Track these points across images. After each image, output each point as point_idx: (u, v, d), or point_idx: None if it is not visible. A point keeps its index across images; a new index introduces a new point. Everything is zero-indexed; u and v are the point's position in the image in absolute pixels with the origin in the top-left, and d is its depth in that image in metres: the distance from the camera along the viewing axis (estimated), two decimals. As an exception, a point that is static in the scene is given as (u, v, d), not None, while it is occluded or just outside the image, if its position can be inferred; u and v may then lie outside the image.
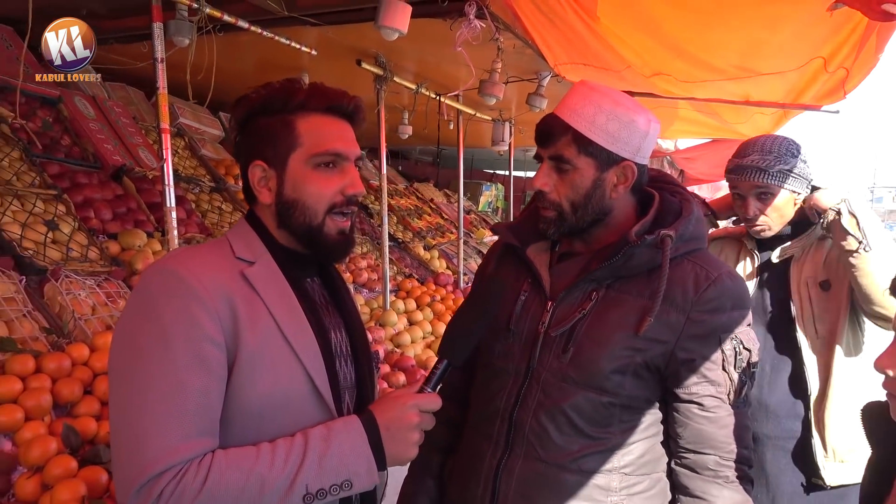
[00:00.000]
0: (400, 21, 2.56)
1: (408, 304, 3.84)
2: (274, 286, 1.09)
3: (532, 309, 1.34)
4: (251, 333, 1.02)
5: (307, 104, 1.11)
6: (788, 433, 1.94)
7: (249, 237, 1.13)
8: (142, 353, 0.97)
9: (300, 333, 1.08)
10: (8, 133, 2.87)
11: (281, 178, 1.11)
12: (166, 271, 1.02)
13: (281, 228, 1.13)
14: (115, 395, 0.98)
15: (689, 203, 1.33)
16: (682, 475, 1.29)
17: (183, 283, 1.00)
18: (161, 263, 1.05)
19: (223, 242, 1.13)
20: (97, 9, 3.21)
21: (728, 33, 2.79)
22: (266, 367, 1.03)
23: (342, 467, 1.00)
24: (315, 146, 1.10)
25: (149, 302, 1.01)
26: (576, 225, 1.31)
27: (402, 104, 4.75)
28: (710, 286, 1.24)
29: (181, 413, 0.95)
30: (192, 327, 0.98)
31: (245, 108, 1.13)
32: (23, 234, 2.45)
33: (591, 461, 1.26)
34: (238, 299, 1.03)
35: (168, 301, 0.99)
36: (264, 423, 1.03)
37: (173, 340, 0.97)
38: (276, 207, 1.12)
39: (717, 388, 1.24)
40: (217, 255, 1.09)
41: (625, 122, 1.25)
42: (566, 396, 1.26)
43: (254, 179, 1.12)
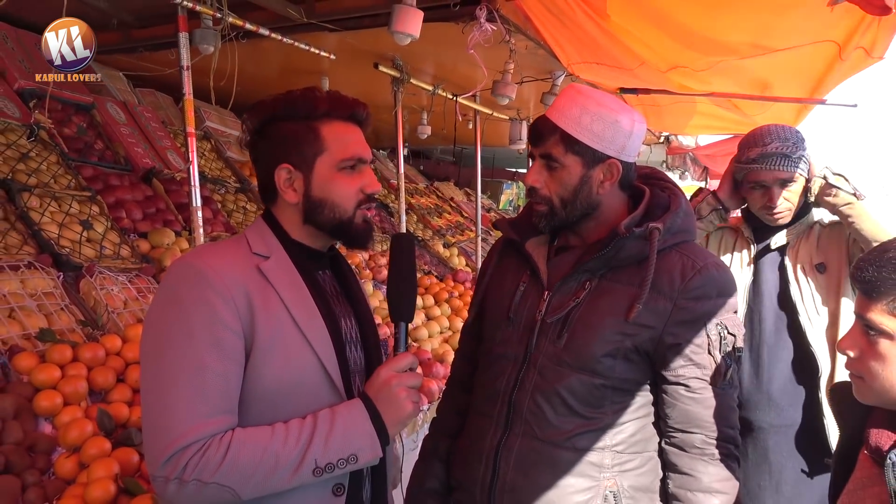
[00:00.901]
0: (412, 26, 2.65)
1: (426, 299, 3.93)
2: (287, 278, 1.19)
3: (530, 298, 1.43)
4: (265, 322, 1.13)
5: (331, 112, 1.22)
6: (791, 421, 1.98)
7: (265, 234, 1.24)
8: (167, 339, 1.08)
9: (311, 321, 1.19)
10: (46, 139, 3.03)
11: (308, 180, 1.21)
12: (188, 266, 1.13)
13: (307, 224, 1.24)
14: (146, 377, 1.10)
15: (677, 198, 1.40)
16: (670, 453, 1.36)
17: (202, 275, 1.11)
18: (183, 259, 1.17)
19: (241, 239, 1.24)
20: (127, 18, 3.37)
21: (737, 18, 2.81)
22: (279, 353, 1.14)
23: (347, 443, 1.12)
24: (341, 152, 1.22)
25: (173, 293, 1.12)
26: (565, 219, 1.39)
27: (420, 105, 4.84)
28: (695, 275, 1.32)
29: (203, 392, 1.06)
30: (210, 315, 1.09)
31: (267, 112, 1.23)
32: (60, 234, 2.60)
33: (585, 439, 1.34)
34: (253, 291, 1.13)
35: (189, 292, 1.10)
36: (279, 406, 1.14)
37: (194, 327, 1.08)
38: (303, 206, 1.22)
39: (702, 371, 1.31)
40: (234, 251, 1.20)
41: (609, 122, 1.33)
42: (561, 379, 1.34)
43: (280, 181, 1.21)
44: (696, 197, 2.17)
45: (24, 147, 2.88)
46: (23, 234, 2.51)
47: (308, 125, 1.21)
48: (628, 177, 1.41)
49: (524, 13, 2.87)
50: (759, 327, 2.01)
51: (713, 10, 2.76)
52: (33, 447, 1.82)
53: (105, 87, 3.81)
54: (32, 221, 2.55)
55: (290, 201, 1.22)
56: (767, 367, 1.99)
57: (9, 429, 1.79)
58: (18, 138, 2.89)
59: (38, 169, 2.81)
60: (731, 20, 2.83)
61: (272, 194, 1.25)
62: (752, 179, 1.96)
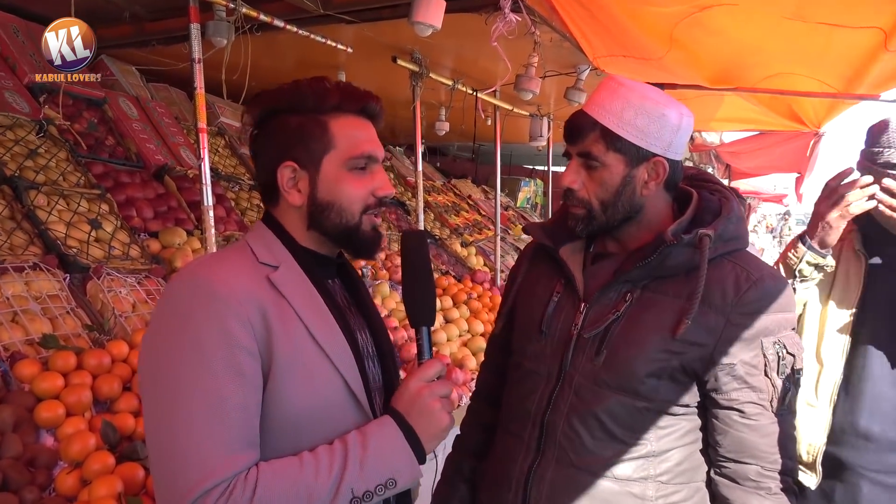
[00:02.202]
0: (434, 16, 2.53)
1: (444, 301, 3.82)
2: (301, 290, 1.07)
3: (565, 310, 1.31)
4: (284, 340, 1.01)
5: (342, 105, 1.10)
6: (893, 468, 1.65)
7: (270, 241, 1.11)
8: (177, 367, 0.95)
9: (332, 337, 1.07)
10: (55, 134, 2.95)
11: (314, 180, 1.09)
12: (195, 281, 1.00)
13: (311, 230, 1.12)
14: (153, 411, 0.97)
15: (728, 202, 1.27)
16: (721, 485, 1.24)
17: (213, 292, 0.98)
18: (188, 273, 1.03)
19: (244, 247, 1.10)
20: (138, 11, 3.28)
21: None
22: (301, 374, 1.02)
23: (383, 467, 1.01)
24: (351, 149, 1.09)
25: (179, 313, 0.98)
26: (605, 223, 1.27)
27: (438, 100, 4.73)
28: (751, 287, 1.19)
29: (224, 427, 0.94)
30: (226, 338, 0.96)
31: (270, 104, 1.10)
32: (67, 233, 2.51)
33: (626, 468, 1.22)
34: (268, 306, 1.01)
35: (199, 311, 0.97)
36: (302, 432, 1.02)
37: (208, 352, 0.95)
38: (308, 209, 1.10)
39: (758, 395, 1.19)
40: (241, 262, 1.06)
41: (654, 117, 1.20)
42: (599, 400, 1.22)
43: (282, 180, 1.09)
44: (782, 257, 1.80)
45: (33, 143, 2.80)
46: (29, 234, 2.42)
47: (316, 119, 1.08)
48: (674, 177, 1.28)
49: (550, 3, 2.75)
50: (864, 351, 1.68)
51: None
52: (33, 462, 1.72)
53: (117, 81, 3.73)
54: (39, 220, 2.47)
55: (293, 203, 1.10)
56: (870, 398, 1.66)
57: (8, 442, 1.69)
58: (27, 134, 2.80)
59: (47, 166, 2.73)
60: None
61: (274, 195, 1.12)
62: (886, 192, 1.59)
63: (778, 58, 3.37)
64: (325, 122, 1.08)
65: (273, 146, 1.10)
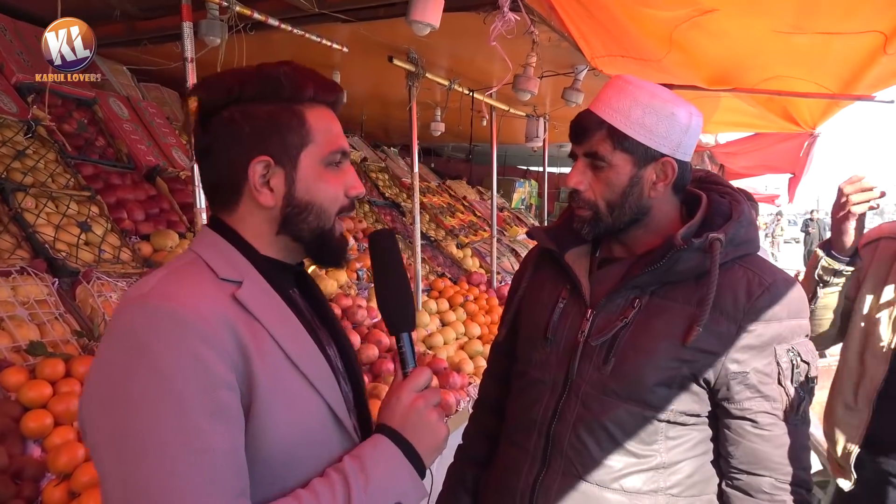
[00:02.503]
0: (432, 15, 2.49)
1: (440, 304, 3.77)
2: (271, 307, 0.94)
3: (571, 317, 1.27)
4: (262, 368, 0.87)
5: (317, 95, 0.98)
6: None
7: (227, 252, 0.95)
8: (145, 417, 0.78)
9: (310, 359, 0.95)
10: (44, 135, 2.89)
11: (291, 178, 0.96)
12: (152, 306, 0.83)
13: (281, 235, 0.98)
14: (117, 474, 0.79)
15: (739, 204, 1.23)
16: (734, 498, 1.20)
17: (179, 318, 0.82)
18: (140, 298, 0.85)
19: (197, 262, 0.94)
20: (130, 10, 3.22)
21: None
22: (283, 404, 0.89)
23: (389, 491, 0.93)
24: (328, 144, 0.98)
25: (139, 348, 0.80)
26: (612, 225, 1.23)
27: (434, 101, 4.68)
28: (763, 293, 1.15)
29: (212, 480, 0.79)
30: (202, 373, 0.81)
31: (234, 89, 0.95)
32: (56, 237, 2.45)
33: (635, 480, 1.18)
34: (241, 329, 0.87)
35: (165, 343, 0.80)
36: (289, 467, 0.91)
37: (183, 393, 0.79)
38: (282, 211, 0.97)
39: (772, 404, 1.15)
40: (200, 280, 0.91)
41: (663, 116, 1.17)
42: (607, 410, 1.18)
43: (254, 178, 0.94)
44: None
45: (21, 144, 2.74)
46: (16, 237, 2.36)
47: (292, 109, 0.95)
48: (683, 179, 1.24)
49: (549, 2, 2.71)
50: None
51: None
52: (20, 474, 1.66)
53: (107, 81, 3.67)
54: (27, 223, 2.41)
55: (264, 204, 0.95)
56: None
57: (-7, 453, 1.64)
58: (15, 135, 2.74)
59: (35, 167, 2.67)
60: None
61: (233, 197, 0.96)
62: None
63: (776, 61, 3.36)
64: (301, 114, 0.96)
65: (240, 139, 0.94)
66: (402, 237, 4.71)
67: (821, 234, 16.05)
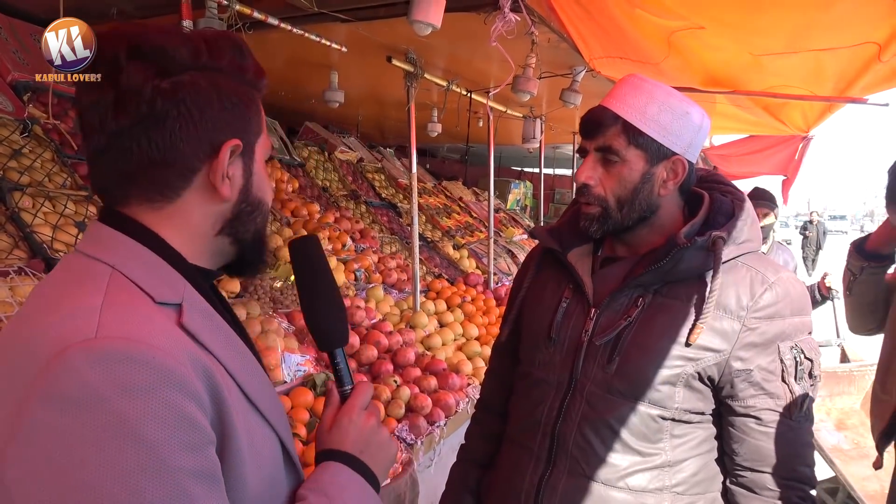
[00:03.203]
0: (434, 15, 2.49)
1: (438, 305, 3.77)
2: (217, 333, 0.78)
3: (574, 316, 1.27)
4: (232, 411, 0.73)
5: (263, 87, 0.86)
6: None
7: (156, 265, 0.76)
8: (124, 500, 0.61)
9: (263, 391, 0.82)
10: (41, 134, 2.87)
11: (249, 170, 0.83)
12: (113, 356, 0.64)
13: (222, 235, 0.83)
14: None
15: (741, 203, 1.24)
16: (738, 495, 1.20)
17: (149, 366, 0.65)
18: (91, 344, 0.64)
19: (119, 285, 0.72)
20: (127, 7, 3.21)
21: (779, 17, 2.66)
22: (248, 450, 0.76)
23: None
24: (267, 138, 0.87)
25: (107, 414, 0.62)
26: (620, 223, 1.23)
27: (431, 101, 4.69)
28: (766, 291, 1.16)
29: None
30: (188, 432, 0.65)
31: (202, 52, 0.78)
32: (54, 236, 2.44)
33: (641, 479, 1.18)
34: (208, 367, 0.72)
35: (141, 402, 0.63)
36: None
37: (172, 463, 0.63)
38: (234, 207, 0.83)
39: (775, 402, 1.16)
40: (142, 305, 0.72)
41: (678, 114, 1.17)
42: (612, 409, 1.18)
43: (223, 163, 0.78)
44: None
45: (17, 143, 2.72)
46: (13, 237, 2.34)
47: (251, 93, 0.83)
48: (690, 178, 1.25)
49: (549, 3, 2.72)
50: None
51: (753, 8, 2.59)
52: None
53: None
54: (24, 223, 2.39)
55: (223, 196, 0.80)
56: None
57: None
58: (11, 133, 2.72)
59: (32, 166, 2.65)
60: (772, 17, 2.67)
61: (172, 186, 0.78)
62: None
63: (771, 74, 3.39)
64: (258, 101, 0.85)
65: (210, 113, 0.77)
66: (400, 237, 4.71)
67: (818, 237, 16.08)
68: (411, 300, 3.60)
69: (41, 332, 0.67)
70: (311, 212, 4.04)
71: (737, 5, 2.57)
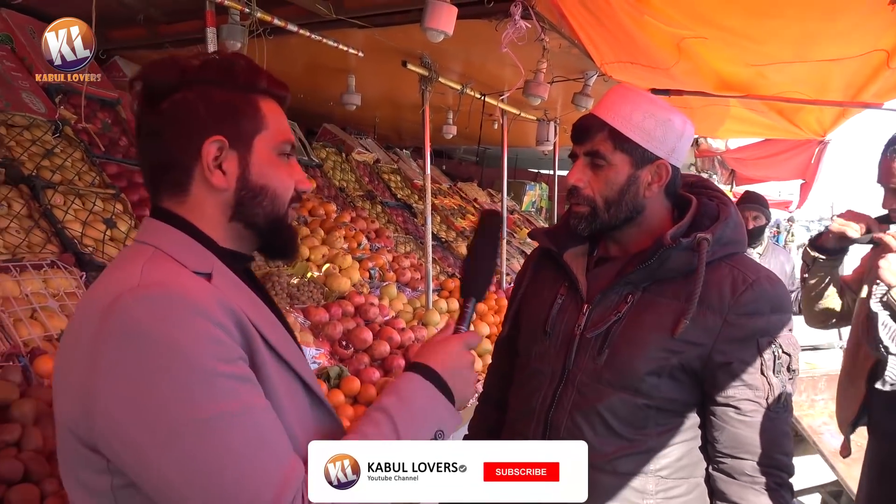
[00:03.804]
0: (445, 23, 2.58)
1: (450, 303, 3.86)
2: (243, 296, 0.94)
3: (568, 312, 1.35)
4: (259, 352, 0.89)
5: (269, 90, 1.01)
6: None
7: (189, 245, 0.93)
8: (179, 399, 0.79)
9: (286, 343, 0.97)
10: (71, 135, 3.01)
11: (245, 160, 0.96)
12: (153, 297, 0.82)
13: (234, 221, 0.97)
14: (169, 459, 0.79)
15: (726, 207, 1.32)
16: (718, 480, 1.28)
17: (183, 302, 0.82)
18: (136, 290, 0.83)
19: (160, 258, 0.91)
20: (154, 14, 3.34)
21: (783, 26, 2.71)
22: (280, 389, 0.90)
23: (431, 421, 0.98)
24: (280, 133, 1.00)
25: (153, 339, 0.80)
26: (608, 222, 1.31)
27: (446, 104, 4.78)
28: (747, 289, 1.23)
29: (261, 439, 0.82)
30: (219, 347, 0.82)
31: (188, 73, 0.95)
32: (83, 232, 2.57)
33: (627, 463, 1.26)
34: (237, 312, 0.88)
35: (179, 328, 0.81)
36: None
37: (210, 366, 0.81)
38: (236, 194, 0.96)
39: (754, 392, 1.23)
40: (179, 269, 0.90)
41: (661, 121, 1.26)
42: (601, 397, 1.27)
43: (208, 158, 0.93)
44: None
45: (49, 143, 2.86)
46: (46, 233, 2.48)
47: (246, 97, 0.97)
48: (675, 182, 1.33)
49: (559, 10, 2.80)
50: None
51: (758, 14, 2.64)
52: (53, 455, 1.77)
53: (131, 83, 3.79)
54: (56, 219, 2.52)
55: (217, 186, 0.94)
56: None
57: (28, 435, 1.74)
58: (43, 134, 2.87)
59: (63, 166, 2.79)
60: (775, 26, 2.72)
61: (181, 183, 0.95)
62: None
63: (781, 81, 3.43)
64: (255, 102, 0.98)
65: (193, 120, 0.94)
66: (414, 237, 4.80)
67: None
68: (424, 298, 3.70)
69: (100, 291, 0.87)
70: (327, 211, 4.15)
71: (738, 14, 2.62)
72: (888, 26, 2.63)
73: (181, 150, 0.94)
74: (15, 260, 2.24)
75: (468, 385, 1.05)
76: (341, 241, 3.84)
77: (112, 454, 0.83)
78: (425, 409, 0.98)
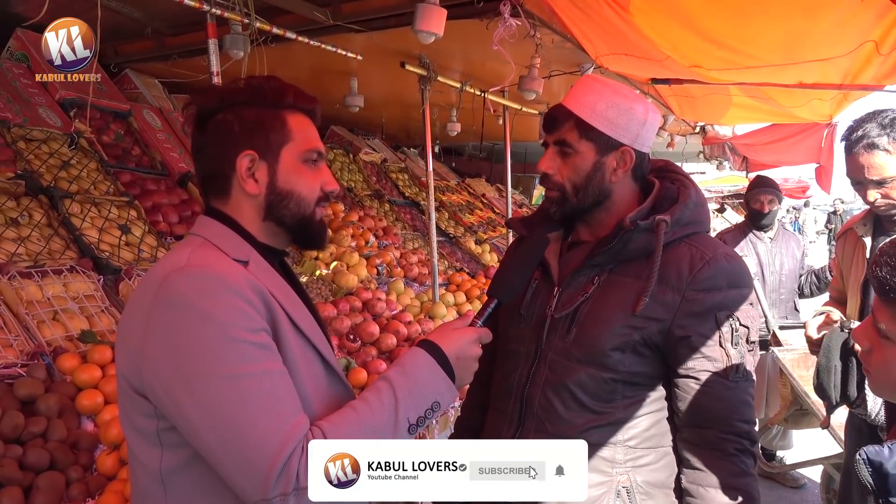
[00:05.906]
0: (436, 24, 2.67)
1: (457, 296, 3.96)
2: (274, 281, 1.12)
3: (541, 295, 1.44)
4: (283, 328, 1.06)
5: (296, 103, 1.17)
6: None
7: (231, 237, 1.13)
8: (210, 357, 0.96)
9: (309, 324, 1.13)
10: (86, 146, 3.15)
11: (273, 170, 1.13)
12: (197, 274, 1.01)
13: (267, 221, 1.15)
14: (198, 411, 0.96)
15: (686, 189, 1.40)
16: (684, 448, 1.35)
17: (220, 280, 1.00)
18: (184, 268, 1.02)
19: (205, 245, 1.10)
20: (160, 27, 3.48)
21: (767, 25, 2.74)
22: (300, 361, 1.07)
23: (428, 392, 1.09)
24: (305, 143, 1.16)
25: (195, 307, 0.98)
26: (577, 205, 1.40)
27: (449, 102, 4.86)
28: (704, 266, 1.31)
29: (277, 396, 0.98)
30: (246, 319, 0.99)
31: (225, 97, 1.14)
32: (100, 238, 2.71)
33: (597, 434, 1.34)
34: (265, 294, 1.05)
35: (215, 300, 0.98)
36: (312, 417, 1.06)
37: (238, 334, 0.97)
38: (266, 199, 1.14)
39: (713, 364, 1.30)
40: (221, 256, 1.09)
41: (623, 109, 1.34)
42: (570, 373, 1.35)
43: (241, 169, 1.12)
44: None
45: (66, 155, 3.00)
46: (65, 240, 2.62)
47: (274, 113, 1.14)
48: (641, 167, 1.41)
49: (549, 7, 2.87)
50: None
51: (741, 15, 2.67)
52: (76, 444, 1.91)
53: (141, 94, 3.94)
54: (74, 227, 2.66)
55: (250, 192, 1.12)
56: None
57: (53, 427, 1.88)
58: (60, 146, 3.01)
59: (79, 176, 2.93)
60: (760, 27, 2.75)
61: (225, 187, 1.14)
62: None
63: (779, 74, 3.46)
64: (282, 117, 1.14)
65: (229, 136, 1.12)
66: (422, 234, 4.90)
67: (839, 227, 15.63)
68: (431, 292, 3.80)
69: (158, 269, 1.06)
70: (335, 211, 4.27)
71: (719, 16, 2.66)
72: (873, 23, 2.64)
73: (221, 162, 1.13)
74: (37, 266, 2.38)
75: (468, 373, 1.18)
76: (349, 240, 3.95)
77: (155, 399, 1.00)
78: (425, 381, 1.10)
